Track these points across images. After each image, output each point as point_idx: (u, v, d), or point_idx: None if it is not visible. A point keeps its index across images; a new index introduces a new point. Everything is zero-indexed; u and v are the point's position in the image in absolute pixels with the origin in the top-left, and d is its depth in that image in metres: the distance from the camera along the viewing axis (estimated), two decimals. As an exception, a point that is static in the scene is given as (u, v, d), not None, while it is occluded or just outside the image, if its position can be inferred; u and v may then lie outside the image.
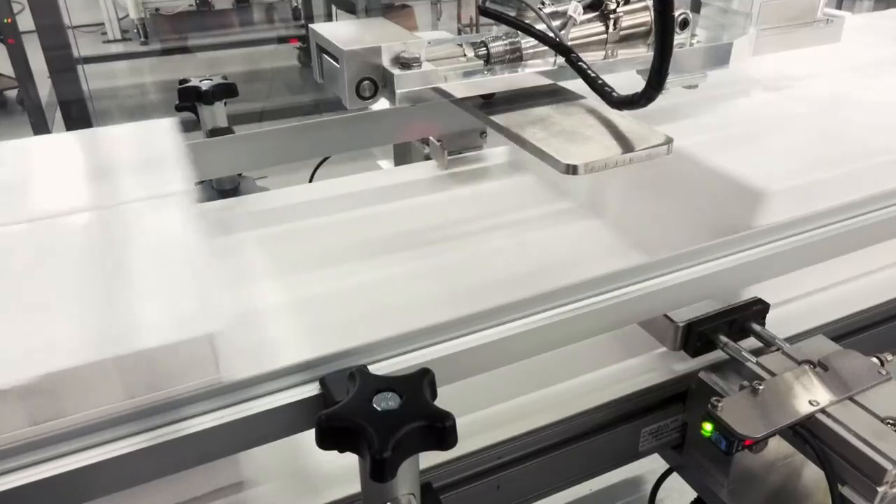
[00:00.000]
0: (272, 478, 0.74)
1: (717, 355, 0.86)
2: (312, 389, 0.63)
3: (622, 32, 1.04)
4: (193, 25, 5.96)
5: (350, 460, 0.58)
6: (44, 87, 3.61)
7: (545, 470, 0.81)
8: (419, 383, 0.58)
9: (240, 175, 1.48)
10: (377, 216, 1.26)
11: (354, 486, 0.70)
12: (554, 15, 0.99)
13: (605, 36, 1.03)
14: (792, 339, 0.84)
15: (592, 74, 0.93)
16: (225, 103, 1.48)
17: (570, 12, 0.99)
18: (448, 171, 1.38)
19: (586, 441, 0.82)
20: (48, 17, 3.03)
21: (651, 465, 1.04)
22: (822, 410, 0.70)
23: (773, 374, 0.75)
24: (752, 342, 0.86)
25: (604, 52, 1.04)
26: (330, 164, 1.71)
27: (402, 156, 1.86)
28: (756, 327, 0.85)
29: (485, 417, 0.79)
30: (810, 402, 0.70)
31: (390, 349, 0.67)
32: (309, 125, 1.26)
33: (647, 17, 1.04)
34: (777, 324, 0.88)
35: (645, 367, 0.86)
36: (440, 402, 0.58)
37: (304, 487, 0.74)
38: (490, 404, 0.81)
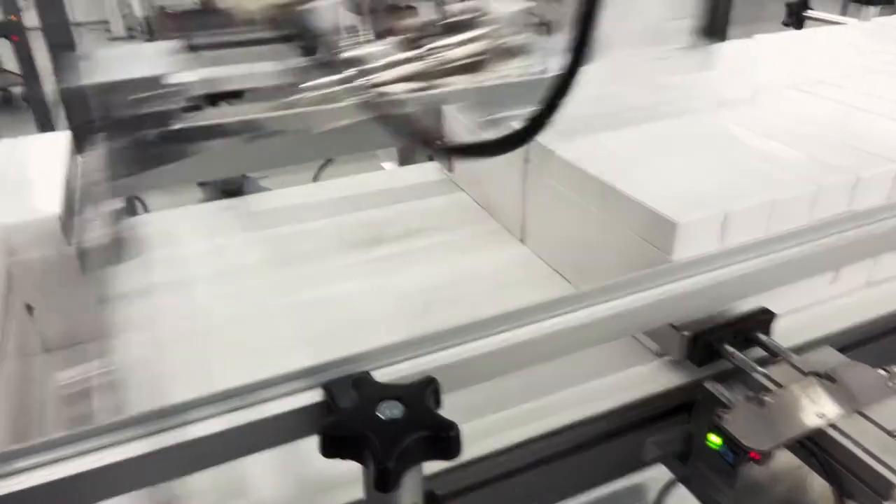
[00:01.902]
0: (274, 482, 0.74)
1: (722, 365, 0.85)
2: (316, 395, 0.62)
3: (448, 66, 1.00)
4: (198, 24, 5.96)
5: (352, 464, 0.57)
6: (48, 84, 3.61)
7: (548, 478, 0.80)
8: (423, 392, 0.58)
9: (244, 176, 1.47)
10: (380, 217, 1.25)
11: (356, 493, 0.70)
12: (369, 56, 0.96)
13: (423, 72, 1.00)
14: (798, 350, 0.83)
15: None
16: (230, 103, 1.48)
17: (376, 54, 0.96)
18: (452, 172, 1.37)
19: (590, 450, 0.81)
20: (53, 14, 3.02)
21: (653, 473, 1.03)
22: (830, 424, 0.69)
23: (779, 385, 0.74)
24: (757, 352, 0.85)
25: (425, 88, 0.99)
26: (333, 164, 1.71)
27: (407, 157, 1.86)
28: (762, 337, 0.85)
29: (488, 425, 0.79)
30: (818, 415, 0.69)
31: (394, 355, 0.66)
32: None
33: (475, 47, 1.00)
34: (783, 334, 0.88)
35: (650, 377, 0.86)
36: (443, 408, 0.58)
37: (305, 493, 0.73)
38: (493, 412, 0.80)
